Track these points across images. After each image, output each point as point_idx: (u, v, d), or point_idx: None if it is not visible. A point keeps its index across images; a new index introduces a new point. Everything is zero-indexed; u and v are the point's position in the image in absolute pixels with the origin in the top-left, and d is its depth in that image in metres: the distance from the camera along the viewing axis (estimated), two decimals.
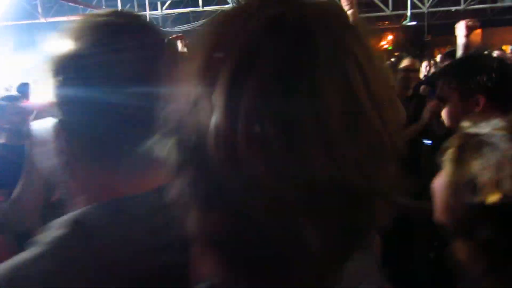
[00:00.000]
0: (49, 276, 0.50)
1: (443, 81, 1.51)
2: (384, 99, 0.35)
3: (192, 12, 14.31)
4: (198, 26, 12.92)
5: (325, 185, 0.31)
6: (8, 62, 9.47)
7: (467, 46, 2.34)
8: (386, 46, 24.14)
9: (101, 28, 0.61)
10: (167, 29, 14.84)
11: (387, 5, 16.84)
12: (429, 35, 20.72)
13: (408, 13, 11.69)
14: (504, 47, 15.56)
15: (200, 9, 13.59)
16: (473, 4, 17.01)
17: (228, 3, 11.56)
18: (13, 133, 2.66)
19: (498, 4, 17.94)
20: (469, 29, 2.33)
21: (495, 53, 8.21)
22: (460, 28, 2.40)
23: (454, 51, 2.86)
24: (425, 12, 17.22)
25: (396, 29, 21.91)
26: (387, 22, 22.02)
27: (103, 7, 11.59)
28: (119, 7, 12.06)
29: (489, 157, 0.72)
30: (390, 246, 1.59)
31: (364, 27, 0.41)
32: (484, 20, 20.00)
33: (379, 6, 16.80)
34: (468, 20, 2.34)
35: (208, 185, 0.33)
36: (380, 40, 24.13)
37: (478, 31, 17.31)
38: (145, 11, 12.83)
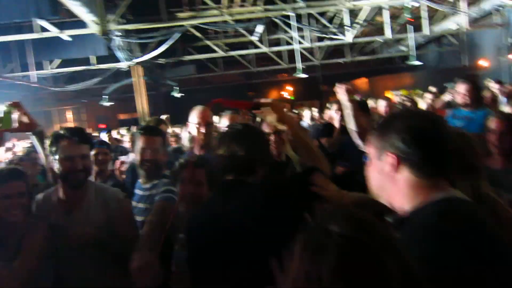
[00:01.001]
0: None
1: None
2: None
3: (87, 70, 13.68)
4: (93, 85, 12.17)
5: None
6: None
7: (351, 105, 2.53)
8: (288, 97, 25.63)
9: None
10: (58, 88, 13.93)
11: (282, 59, 17.95)
12: (325, 85, 22.45)
13: (298, 66, 12.49)
14: (388, 94, 17.31)
15: (93, 67, 13.03)
16: (357, 56, 18.94)
17: (120, 61, 11.25)
18: None
19: (378, 56, 20.24)
20: (349, 93, 2.53)
21: (381, 101, 8.85)
22: (341, 93, 2.57)
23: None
24: (318, 64, 18.68)
25: (295, 81, 23.45)
26: (286, 74, 23.46)
27: None
28: None
29: None
30: None
31: None
32: (368, 70, 22.40)
33: (276, 60, 17.83)
34: (346, 85, 2.55)
35: None
36: (282, 90, 25.59)
37: (365, 80, 19.19)
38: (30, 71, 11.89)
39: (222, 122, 3.49)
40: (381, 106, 5.85)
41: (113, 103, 15.60)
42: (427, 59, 19.47)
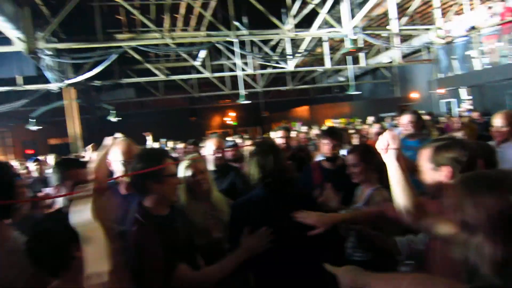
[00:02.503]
0: None
1: None
2: None
3: (13, 91, 12.54)
4: (19, 107, 11.12)
5: None
6: None
7: None
8: (230, 122, 25.58)
9: None
10: None
11: (225, 85, 17.90)
12: (266, 111, 22.71)
13: (241, 93, 12.46)
14: (328, 121, 17.81)
15: (20, 88, 11.97)
16: (298, 85, 19.44)
17: (50, 82, 10.43)
18: None
19: (318, 85, 20.96)
20: None
21: (315, 129, 8.90)
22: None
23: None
24: (260, 91, 18.85)
25: (237, 107, 23.49)
26: (228, 100, 23.43)
27: None
28: None
29: None
30: None
31: None
32: (309, 98, 23.09)
33: (218, 86, 17.71)
34: None
35: None
36: (224, 116, 25.49)
37: (306, 107, 19.68)
38: None
39: (207, 146, 3.38)
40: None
41: (42, 127, 14.40)
42: (363, 90, 20.45)
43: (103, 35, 9.72)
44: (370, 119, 11.29)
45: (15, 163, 8.48)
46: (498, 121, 3.18)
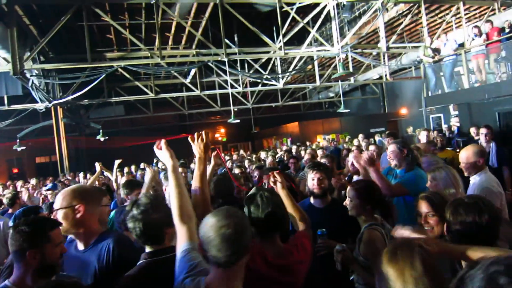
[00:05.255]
0: None
1: None
2: None
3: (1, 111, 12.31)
4: (4, 127, 10.90)
5: None
6: None
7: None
8: (220, 138, 25.48)
9: None
10: None
11: (216, 102, 17.85)
12: (257, 127, 22.68)
13: (232, 112, 12.42)
14: (318, 137, 17.82)
15: (6, 108, 11.74)
16: (289, 101, 19.49)
17: (37, 102, 10.24)
18: None
19: (308, 101, 21.04)
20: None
21: (308, 148, 8.83)
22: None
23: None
24: (250, 107, 18.84)
25: (228, 123, 23.34)
26: (218, 117, 23.38)
27: None
28: None
29: None
30: None
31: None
32: (299, 114, 23.17)
33: (209, 103, 17.65)
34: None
35: None
36: (215, 132, 25.40)
37: (296, 123, 19.69)
38: None
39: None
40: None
41: (27, 147, 14.12)
42: (352, 105, 20.57)
43: (92, 53, 9.61)
44: (361, 136, 11.29)
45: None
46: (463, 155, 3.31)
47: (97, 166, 5.83)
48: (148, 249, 1.94)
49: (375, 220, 2.60)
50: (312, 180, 3.13)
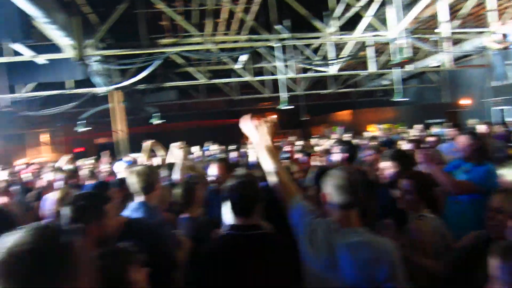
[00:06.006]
0: None
1: None
2: None
3: (61, 95, 13.15)
4: (68, 109, 11.64)
5: None
6: None
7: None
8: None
9: None
10: (32, 113, 13.34)
11: (266, 87, 17.84)
12: (307, 114, 22.41)
13: (283, 97, 12.31)
14: (371, 127, 17.29)
15: (70, 91, 12.53)
16: (340, 88, 18.99)
17: (96, 86, 10.81)
18: None
19: (360, 89, 20.38)
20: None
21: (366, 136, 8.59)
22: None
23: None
24: (301, 94, 18.62)
25: (277, 109, 23.26)
26: (268, 103, 23.35)
27: None
28: None
29: None
30: None
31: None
32: (351, 102, 22.55)
33: (259, 89, 17.69)
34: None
35: None
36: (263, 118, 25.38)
37: (349, 112, 19.18)
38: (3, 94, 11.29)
39: (210, 171, 3.34)
40: None
41: (90, 128, 15.02)
42: (408, 94, 19.68)
43: (147, 41, 9.93)
44: (418, 127, 10.79)
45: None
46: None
47: (146, 144, 5.70)
48: (235, 221, 2.06)
49: (425, 214, 2.52)
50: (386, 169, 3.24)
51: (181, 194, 3.09)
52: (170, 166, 3.77)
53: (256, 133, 2.29)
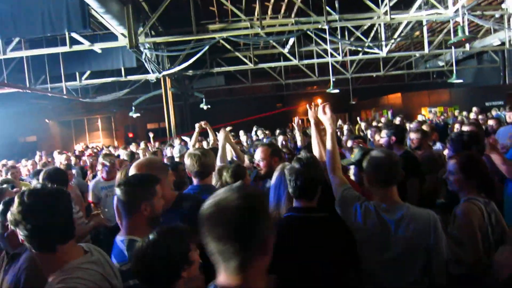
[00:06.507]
0: None
1: None
2: None
3: (117, 82, 13.71)
4: (121, 96, 12.13)
5: None
6: None
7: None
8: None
9: None
10: (88, 100, 14.03)
11: (314, 72, 17.54)
12: (355, 98, 21.81)
13: (331, 81, 12.01)
14: (423, 110, 16.55)
15: (123, 79, 13.02)
16: (391, 71, 18.25)
17: (149, 72, 11.14)
18: None
19: (413, 71, 19.46)
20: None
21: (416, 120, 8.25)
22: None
23: None
24: (349, 77, 18.13)
25: (325, 93, 22.80)
26: (315, 87, 22.99)
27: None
28: (27, 79, 11.13)
29: None
30: None
31: None
32: (401, 84, 21.63)
33: (306, 72, 17.44)
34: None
35: None
36: (311, 102, 25.04)
37: (398, 95, 18.44)
38: (61, 82, 11.95)
39: (256, 155, 3.31)
40: None
41: (140, 114, 15.60)
42: (465, 76, 18.58)
43: (196, 27, 10.05)
44: (475, 110, 10.18)
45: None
46: None
47: (199, 125, 5.43)
48: (297, 204, 2.12)
49: (479, 196, 2.38)
50: None
51: (230, 177, 3.12)
52: (215, 150, 3.80)
53: (325, 119, 2.54)
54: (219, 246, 1.09)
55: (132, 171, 2.35)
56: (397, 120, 10.28)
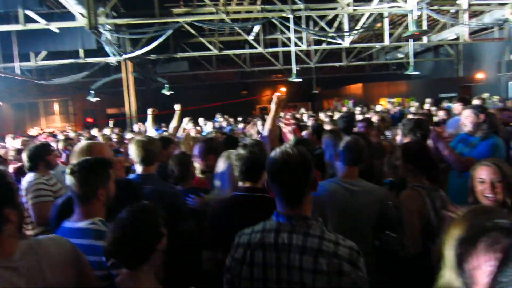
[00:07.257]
0: None
1: None
2: None
3: (75, 64, 13.14)
4: (81, 78, 11.65)
5: None
6: None
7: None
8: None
9: None
10: (44, 82, 13.39)
11: (278, 60, 17.63)
12: (318, 87, 22.19)
13: (294, 69, 12.13)
14: (382, 101, 17.11)
15: (82, 61, 12.51)
16: (354, 61, 18.67)
17: (109, 56, 10.77)
18: None
19: (374, 62, 20.02)
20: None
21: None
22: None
23: None
24: (313, 67, 18.38)
25: (289, 82, 22.95)
26: (280, 75, 23.14)
27: None
28: None
29: None
30: None
31: None
32: (363, 75, 22.21)
33: (271, 60, 17.49)
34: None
35: None
36: (275, 91, 25.24)
37: (359, 85, 18.94)
38: (15, 62, 11.29)
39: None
40: None
41: (100, 98, 15.09)
42: (423, 68, 19.33)
43: (160, 10, 9.81)
44: (428, 101, 10.65)
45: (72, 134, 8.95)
46: None
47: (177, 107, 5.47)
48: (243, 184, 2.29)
49: (422, 184, 2.53)
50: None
51: (177, 167, 3.08)
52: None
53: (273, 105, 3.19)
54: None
55: (76, 155, 2.31)
56: (357, 110, 10.62)
